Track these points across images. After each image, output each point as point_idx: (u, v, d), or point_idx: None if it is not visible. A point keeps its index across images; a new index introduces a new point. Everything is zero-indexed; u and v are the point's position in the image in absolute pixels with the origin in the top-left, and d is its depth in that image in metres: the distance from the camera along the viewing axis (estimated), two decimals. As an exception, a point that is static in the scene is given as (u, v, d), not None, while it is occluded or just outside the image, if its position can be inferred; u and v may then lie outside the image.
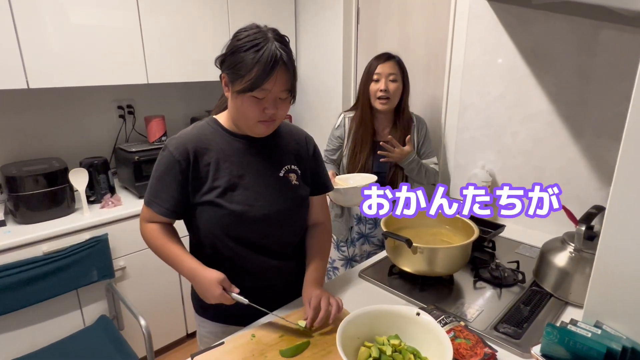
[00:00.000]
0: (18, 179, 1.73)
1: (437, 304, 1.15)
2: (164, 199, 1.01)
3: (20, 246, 1.63)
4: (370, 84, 1.69)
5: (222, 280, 0.96)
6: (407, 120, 1.75)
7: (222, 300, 0.96)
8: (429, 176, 1.76)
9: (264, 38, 0.90)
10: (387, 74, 1.66)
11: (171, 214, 1.02)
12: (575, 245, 1.19)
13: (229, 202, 0.99)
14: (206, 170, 1.00)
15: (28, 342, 1.70)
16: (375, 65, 1.68)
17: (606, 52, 1.46)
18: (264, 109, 0.94)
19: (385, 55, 1.69)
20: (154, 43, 2.06)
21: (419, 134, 1.78)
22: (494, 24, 1.73)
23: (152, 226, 1.06)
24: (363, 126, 1.73)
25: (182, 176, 0.99)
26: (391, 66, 1.66)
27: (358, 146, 1.73)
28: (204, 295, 0.98)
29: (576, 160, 1.60)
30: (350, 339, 0.89)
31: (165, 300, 2.12)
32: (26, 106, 2.03)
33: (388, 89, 1.65)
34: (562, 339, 0.82)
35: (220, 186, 1.00)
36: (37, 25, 1.69)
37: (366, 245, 1.84)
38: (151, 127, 2.26)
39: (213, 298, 0.96)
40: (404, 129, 1.73)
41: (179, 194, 1.01)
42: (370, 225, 1.82)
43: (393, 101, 1.68)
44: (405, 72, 1.72)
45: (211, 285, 0.95)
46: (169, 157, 0.99)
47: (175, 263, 1.03)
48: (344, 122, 1.79)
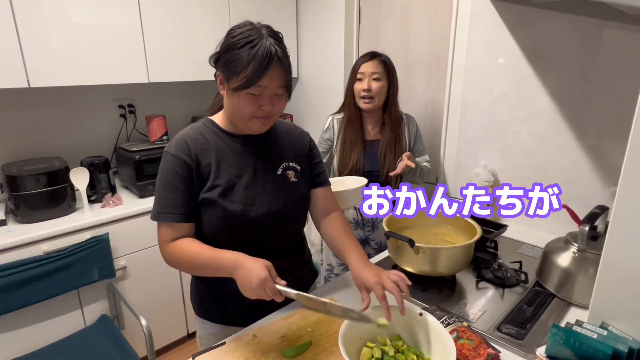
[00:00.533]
0: (19, 178, 1.72)
1: (439, 304, 1.15)
2: (176, 205, 0.96)
3: (21, 245, 1.62)
4: (355, 83, 1.68)
5: (269, 266, 0.86)
6: (396, 119, 1.73)
7: (266, 290, 0.83)
8: (423, 175, 1.76)
9: (258, 34, 0.90)
10: (370, 73, 1.64)
11: (189, 218, 0.98)
12: (578, 246, 1.18)
13: (229, 202, 0.99)
14: (208, 170, 0.99)
15: (28, 341, 1.70)
16: (360, 64, 1.67)
17: (609, 51, 1.45)
18: (260, 105, 0.94)
19: (370, 54, 1.68)
20: (155, 42, 2.05)
21: (409, 133, 1.77)
22: (496, 23, 1.72)
23: (174, 246, 0.97)
24: (351, 125, 1.72)
25: (189, 174, 0.97)
26: (375, 65, 1.64)
27: (348, 145, 1.71)
28: (246, 285, 0.85)
29: (579, 159, 1.59)
30: (352, 340, 0.89)
31: (166, 299, 2.12)
32: (27, 105, 2.03)
33: (371, 88, 1.64)
34: (568, 340, 0.81)
35: (220, 185, 0.99)
36: (38, 24, 1.69)
37: (367, 248, 1.82)
38: (152, 126, 2.25)
39: (257, 283, 0.82)
40: (393, 128, 1.71)
41: (189, 194, 0.97)
42: (368, 228, 1.80)
43: (377, 100, 1.66)
44: (391, 70, 1.69)
45: (257, 269, 0.84)
46: (172, 159, 0.97)
47: (215, 266, 0.92)
48: (333, 124, 1.78)
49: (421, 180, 1.78)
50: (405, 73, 2.27)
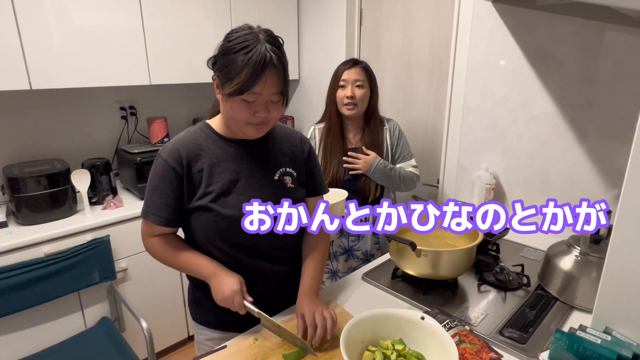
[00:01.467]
0: (20, 180, 1.72)
1: (441, 307, 1.14)
2: (161, 209, 0.99)
3: (22, 247, 1.63)
4: (337, 90, 1.67)
5: (242, 282, 0.97)
6: (376, 125, 1.71)
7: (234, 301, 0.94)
8: (406, 182, 1.69)
9: (255, 39, 0.88)
10: (353, 80, 1.63)
11: (170, 223, 1.00)
12: (581, 249, 1.17)
13: (223, 207, 0.98)
14: (199, 177, 0.99)
15: (29, 343, 1.69)
16: (342, 71, 1.66)
17: (611, 54, 1.45)
18: (254, 112, 0.92)
19: (352, 61, 1.67)
20: (157, 44, 2.06)
21: (391, 137, 1.73)
22: (497, 25, 1.72)
23: (155, 241, 1.04)
24: (331, 134, 1.69)
25: (177, 182, 0.98)
26: (357, 72, 1.64)
27: (328, 155, 1.69)
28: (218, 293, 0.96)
29: (581, 162, 1.59)
30: (354, 343, 0.88)
31: (167, 302, 2.11)
32: (28, 107, 2.03)
33: (354, 95, 1.63)
34: (571, 345, 0.80)
35: (214, 191, 0.98)
36: (40, 26, 1.69)
37: (350, 260, 1.79)
38: (153, 128, 2.26)
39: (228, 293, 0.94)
40: (372, 135, 1.69)
41: (176, 201, 0.99)
42: (353, 238, 1.77)
43: (360, 107, 1.65)
44: (372, 77, 1.69)
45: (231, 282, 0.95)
46: (162, 165, 0.97)
47: (193, 269, 1.02)
48: (315, 134, 1.76)
49: (405, 187, 1.72)
50: (406, 75, 2.27)
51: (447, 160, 2.05)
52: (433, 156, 2.21)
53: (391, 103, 2.35)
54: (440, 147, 2.09)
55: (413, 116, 2.27)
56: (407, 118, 2.28)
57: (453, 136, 1.99)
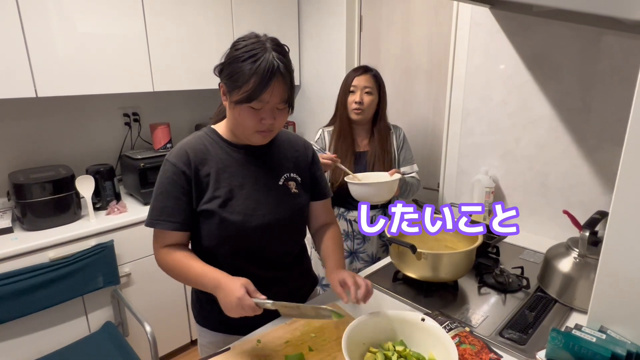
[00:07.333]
0: (25, 186, 1.75)
1: (441, 309, 1.16)
2: (172, 214, 0.98)
3: (27, 253, 1.64)
4: (348, 95, 1.72)
5: (247, 283, 0.88)
6: (385, 130, 1.76)
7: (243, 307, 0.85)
8: (412, 190, 1.74)
9: (262, 48, 0.90)
10: (363, 87, 1.68)
11: (183, 226, 0.99)
12: (579, 251, 1.19)
13: (229, 213, 0.99)
14: (207, 181, 1.00)
15: (34, 348, 1.71)
16: (352, 77, 1.71)
17: (608, 58, 1.47)
18: (261, 119, 0.94)
19: (362, 68, 1.72)
20: (160, 51, 2.09)
21: (397, 142, 1.79)
22: (495, 30, 1.74)
23: (168, 255, 1.00)
24: (343, 137, 1.74)
25: (187, 185, 0.98)
26: (367, 79, 1.69)
27: (339, 157, 1.70)
28: (227, 305, 0.88)
29: (579, 165, 1.60)
30: (355, 345, 0.90)
31: (171, 306, 2.13)
32: (33, 114, 2.06)
33: (363, 101, 1.68)
34: (567, 343, 0.82)
35: (220, 196, 0.99)
36: (45, 35, 1.72)
37: (355, 262, 1.81)
38: (156, 134, 2.28)
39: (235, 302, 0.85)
40: (381, 140, 1.74)
41: (188, 205, 0.99)
42: (358, 240, 1.79)
43: (366, 112, 1.70)
44: (382, 85, 1.74)
45: (234, 288, 0.86)
46: (172, 169, 0.98)
47: (196, 280, 0.96)
48: (323, 136, 1.80)
49: (411, 195, 1.75)
50: (406, 80, 2.30)
51: (447, 164, 2.07)
52: (433, 160, 2.22)
53: (391, 108, 2.36)
54: (440, 151, 2.10)
55: (413, 120, 2.30)
56: (407, 122, 2.30)
57: (453, 140, 2.01)
